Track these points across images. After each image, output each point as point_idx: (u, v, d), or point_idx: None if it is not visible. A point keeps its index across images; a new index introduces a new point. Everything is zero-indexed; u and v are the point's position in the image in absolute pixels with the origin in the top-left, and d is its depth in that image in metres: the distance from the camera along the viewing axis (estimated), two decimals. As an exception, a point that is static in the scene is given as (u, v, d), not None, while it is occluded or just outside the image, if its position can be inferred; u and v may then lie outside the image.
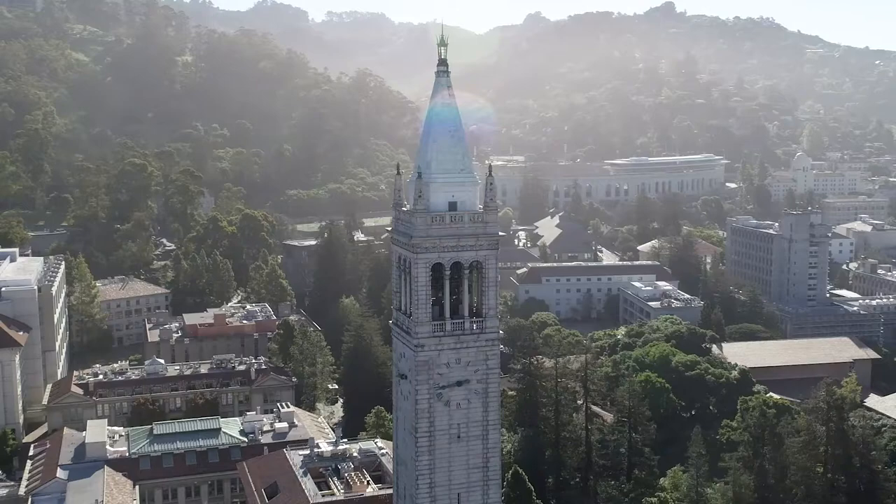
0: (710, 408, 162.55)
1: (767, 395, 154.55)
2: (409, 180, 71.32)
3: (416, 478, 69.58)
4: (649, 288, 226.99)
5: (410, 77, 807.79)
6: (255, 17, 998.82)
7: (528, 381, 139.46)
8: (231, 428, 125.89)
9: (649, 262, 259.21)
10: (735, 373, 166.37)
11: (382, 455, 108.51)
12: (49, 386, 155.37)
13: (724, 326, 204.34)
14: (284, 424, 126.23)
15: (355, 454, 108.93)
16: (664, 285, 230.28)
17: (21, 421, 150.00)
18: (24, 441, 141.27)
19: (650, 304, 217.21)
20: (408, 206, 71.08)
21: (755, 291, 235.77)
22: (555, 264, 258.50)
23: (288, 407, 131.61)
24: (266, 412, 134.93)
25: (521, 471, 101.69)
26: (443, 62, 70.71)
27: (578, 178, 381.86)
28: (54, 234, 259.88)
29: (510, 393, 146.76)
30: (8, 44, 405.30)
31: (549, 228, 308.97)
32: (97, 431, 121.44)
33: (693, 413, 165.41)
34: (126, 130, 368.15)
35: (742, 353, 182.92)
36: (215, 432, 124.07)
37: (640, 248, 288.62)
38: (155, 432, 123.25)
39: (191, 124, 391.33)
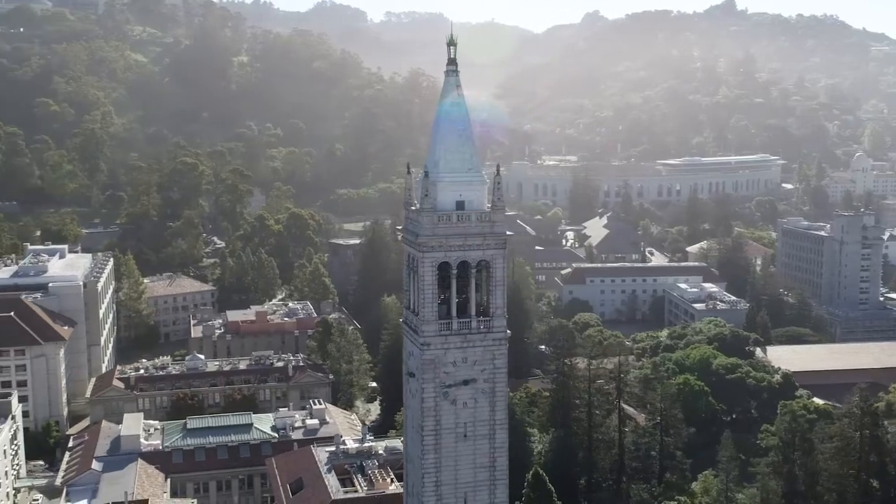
0: (752, 412, 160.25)
1: (810, 399, 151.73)
2: (419, 179, 71.54)
3: (423, 476, 69.80)
4: (695, 289, 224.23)
5: (468, 76, 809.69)
6: (314, 17, 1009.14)
7: (562, 381, 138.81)
8: (263, 424, 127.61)
9: (696, 264, 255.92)
10: (777, 377, 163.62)
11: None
12: (93, 380, 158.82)
13: (769, 329, 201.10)
14: (315, 421, 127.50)
15: (381, 452, 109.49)
16: (710, 287, 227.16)
17: (65, 413, 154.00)
18: (67, 433, 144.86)
19: (695, 305, 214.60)
20: (417, 205, 71.25)
21: (804, 294, 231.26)
22: (599, 265, 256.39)
23: (320, 404, 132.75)
24: (302, 409, 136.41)
25: (541, 471, 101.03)
26: (452, 61, 70.79)
27: (629, 178, 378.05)
28: (108, 231, 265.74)
29: (544, 394, 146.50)
30: (69, 45, 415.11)
31: (596, 229, 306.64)
32: (132, 425, 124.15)
33: (734, 417, 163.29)
34: (182, 130, 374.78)
35: (787, 357, 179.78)
36: (247, 427, 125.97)
37: (688, 249, 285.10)
38: (188, 427, 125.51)
39: (245, 124, 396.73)
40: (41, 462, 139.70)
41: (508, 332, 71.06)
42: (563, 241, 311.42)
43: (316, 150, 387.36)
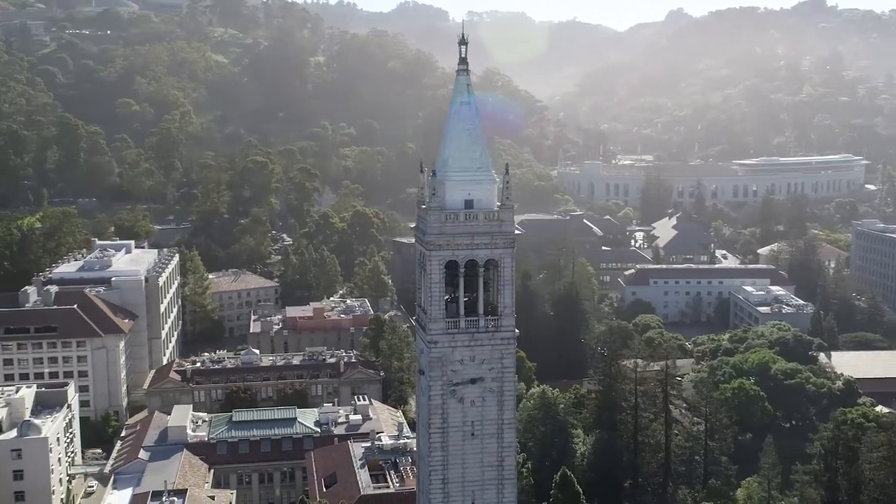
0: (812, 419, 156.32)
1: (872, 408, 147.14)
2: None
3: (429, 473, 70.23)
4: (761, 292, 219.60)
5: (549, 75, 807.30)
6: (396, 18, 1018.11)
7: (608, 383, 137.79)
8: (307, 418, 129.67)
9: (764, 266, 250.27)
10: (839, 383, 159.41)
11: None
12: (152, 372, 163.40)
13: (836, 334, 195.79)
14: (358, 417, 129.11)
15: (415, 448, 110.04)
16: (777, 290, 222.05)
17: (124, 404, 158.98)
18: (126, 423, 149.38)
19: (759, 308, 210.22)
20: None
21: (876, 298, 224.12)
22: (664, 266, 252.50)
23: (364, 400, 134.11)
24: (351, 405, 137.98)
25: (569, 472, 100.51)
26: (463, 61, 70.86)
27: (703, 178, 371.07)
28: (180, 227, 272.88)
29: (592, 395, 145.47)
30: (152, 47, 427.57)
31: (665, 229, 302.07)
32: (180, 416, 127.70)
33: (794, 423, 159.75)
34: (258, 129, 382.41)
35: (852, 363, 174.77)
36: (291, 422, 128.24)
37: (759, 251, 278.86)
38: (234, 419, 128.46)
39: (319, 123, 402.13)
40: (99, 450, 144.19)
41: (517, 331, 70.83)
42: (632, 241, 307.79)
43: (388, 149, 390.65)
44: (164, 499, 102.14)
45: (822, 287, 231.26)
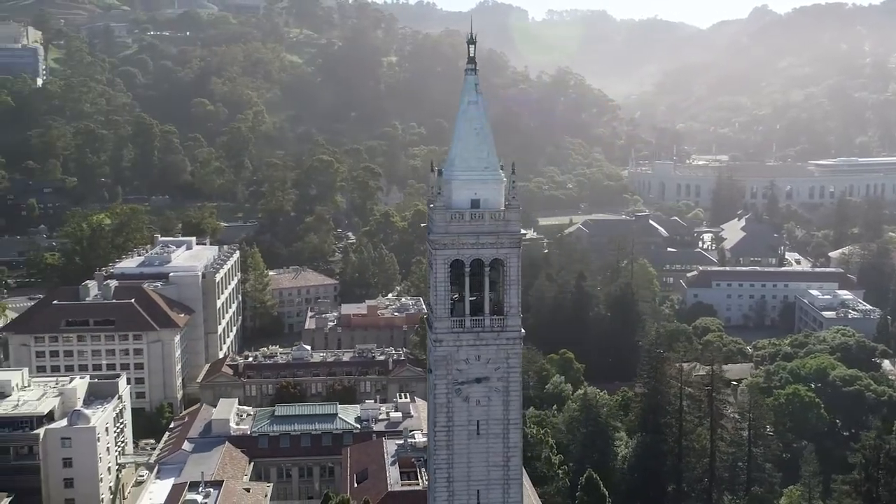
0: (873, 427, 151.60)
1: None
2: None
3: (434, 471, 70.57)
4: (827, 296, 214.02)
5: (627, 74, 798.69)
6: (476, 17, 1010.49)
7: (653, 385, 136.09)
8: (348, 414, 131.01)
9: (831, 270, 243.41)
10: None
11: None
12: (207, 366, 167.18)
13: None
14: (399, 414, 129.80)
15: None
16: (844, 294, 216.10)
17: (179, 396, 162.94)
18: (178, 415, 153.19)
19: (824, 313, 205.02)
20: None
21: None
22: (727, 268, 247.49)
23: (406, 397, 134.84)
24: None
25: (595, 475, 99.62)
26: (471, 60, 71.29)
27: (777, 178, 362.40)
28: (246, 225, 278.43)
29: (637, 398, 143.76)
30: (228, 47, 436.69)
31: (733, 231, 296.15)
32: (224, 409, 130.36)
33: (853, 431, 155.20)
34: (329, 129, 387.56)
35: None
36: (332, 417, 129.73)
37: (831, 254, 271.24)
38: (276, 413, 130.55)
39: (390, 123, 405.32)
40: (153, 441, 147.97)
41: (523, 331, 70.46)
42: (700, 243, 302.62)
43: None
44: (200, 489, 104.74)
45: (894, 291, 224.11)
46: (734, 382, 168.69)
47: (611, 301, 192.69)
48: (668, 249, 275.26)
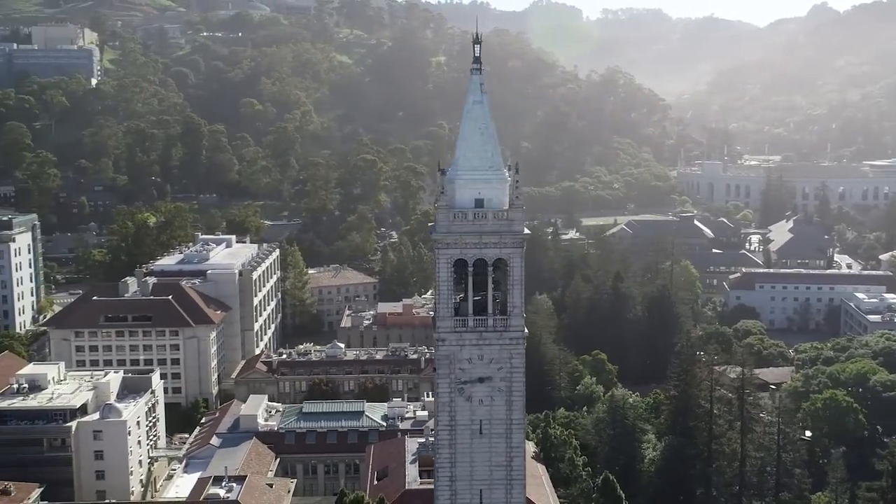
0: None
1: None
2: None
3: (437, 469, 70.77)
4: (874, 300, 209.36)
5: (682, 73, 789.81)
6: (530, 16, 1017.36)
7: (683, 388, 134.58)
8: (375, 412, 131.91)
9: (880, 272, 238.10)
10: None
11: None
12: (242, 362, 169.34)
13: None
14: (425, 413, 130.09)
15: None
16: (892, 298, 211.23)
17: (215, 392, 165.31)
18: (213, 410, 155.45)
19: (869, 317, 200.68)
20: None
21: None
22: (771, 270, 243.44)
23: (429, 396, 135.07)
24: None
25: (612, 477, 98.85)
26: (476, 60, 71.20)
27: (829, 179, 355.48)
28: (290, 223, 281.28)
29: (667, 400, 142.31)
30: (278, 48, 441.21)
31: (781, 232, 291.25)
32: (253, 406, 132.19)
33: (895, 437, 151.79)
34: (377, 129, 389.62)
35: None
36: (358, 415, 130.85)
37: (881, 256, 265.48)
38: (304, 410, 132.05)
39: (437, 122, 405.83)
40: (187, 435, 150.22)
41: (526, 331, 70.31)
42: (746, 244, 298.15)
43: (504, 148, 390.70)
44: (223, 483, 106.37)
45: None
46: (772, 386, 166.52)
47: (648, 302, 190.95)
48: (713, 251, 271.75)
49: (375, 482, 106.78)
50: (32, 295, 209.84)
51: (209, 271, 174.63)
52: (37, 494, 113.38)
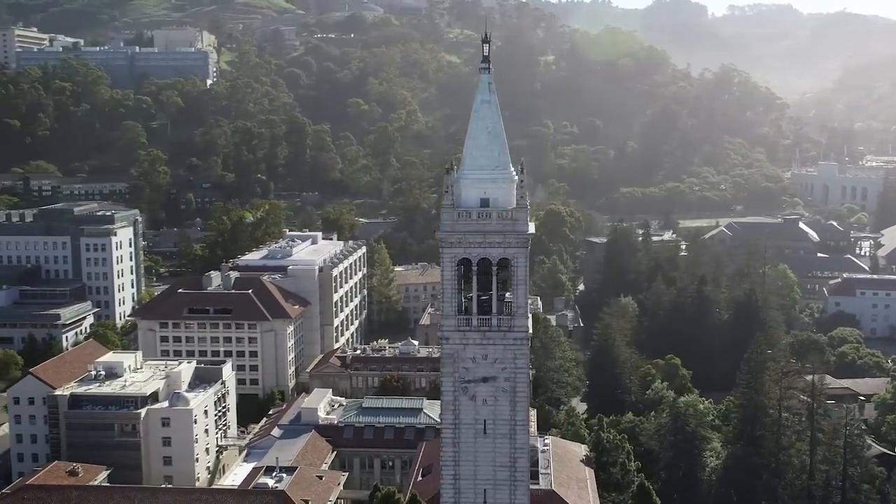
0: None
1: None
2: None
3: (441, 468, 70.97)
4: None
5: (809, 70, 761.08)
6: (651, 14, 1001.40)
7: (751, 396, 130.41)
8: (434, 410, 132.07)
9: None
10: None
11: (542, 451, 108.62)
12: (320, 356, 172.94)
13: None
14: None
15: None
16: None
17: (291, 384, 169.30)
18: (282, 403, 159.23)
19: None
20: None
21: None
22: (875, 276, 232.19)
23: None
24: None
25: (647, 483, 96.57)
26: (485, 59, 71.22)
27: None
28: (385, 221, 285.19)
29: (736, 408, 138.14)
30: (387, 48, 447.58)
31: (894, 237, 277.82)
32: (315, 399, 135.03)
33: None
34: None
35: None
36: (416, 412, 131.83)
37: None
38: (363, 405, 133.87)
39: (542, 122, 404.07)
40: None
41: (530, 331, 69.75)
42: (857, 249, 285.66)
43: (611, 147, 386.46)
44: (274, 473, 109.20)
45: None
46: (861, 397, 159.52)
47: (733, 307, 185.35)
48: (818, 255, 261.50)
49: (419, 478, 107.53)
50: (133, 287, 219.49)
51: (290, 267, 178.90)
52: (104, 476, 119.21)
